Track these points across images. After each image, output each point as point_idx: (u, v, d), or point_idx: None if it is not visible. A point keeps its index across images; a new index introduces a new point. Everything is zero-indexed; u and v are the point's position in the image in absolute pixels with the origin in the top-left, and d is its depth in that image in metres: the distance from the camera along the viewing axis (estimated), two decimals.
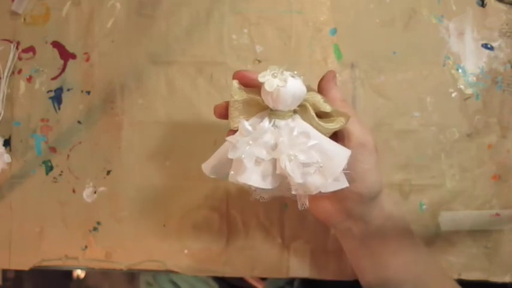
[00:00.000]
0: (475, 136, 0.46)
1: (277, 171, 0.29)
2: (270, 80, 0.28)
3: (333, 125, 0.31)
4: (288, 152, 0.28)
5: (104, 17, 0.47)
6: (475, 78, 0.46)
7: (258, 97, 0.30)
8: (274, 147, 0.29)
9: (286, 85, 0.28)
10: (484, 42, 0.46)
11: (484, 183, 0.45)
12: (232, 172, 0.30)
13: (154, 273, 0.65)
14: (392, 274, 0.36)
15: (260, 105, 0.31)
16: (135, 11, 0.47)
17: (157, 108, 0.47)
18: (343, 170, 0.30)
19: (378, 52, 0.46)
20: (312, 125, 0.31)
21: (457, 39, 0.46)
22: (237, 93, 0.31)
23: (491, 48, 0.46)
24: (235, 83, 0.31)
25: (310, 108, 0.31)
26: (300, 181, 0.28)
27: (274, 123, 0.30)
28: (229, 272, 0.46)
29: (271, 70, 0.28)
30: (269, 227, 0.46)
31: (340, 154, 0.30)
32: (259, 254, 0.46)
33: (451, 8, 0.47)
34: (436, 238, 0.45)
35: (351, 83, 0.46)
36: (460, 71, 0.46)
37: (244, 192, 0.46)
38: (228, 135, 0.30)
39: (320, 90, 0.35)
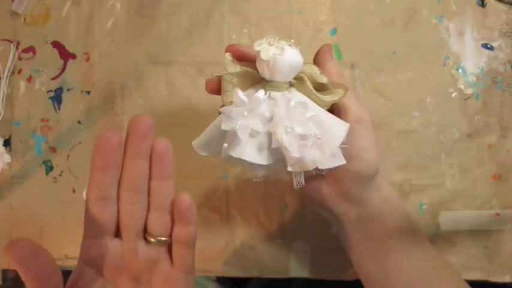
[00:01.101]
0: (475, 136, 0.46)
1: (273, 145, 0.27)
2: (266, 48, 0.27)
3: (331, 97, 0.30)
4: (285, 124, 0.27)
5: (104, 17, 0.47)
6: (475, 78, 0.46)
7: (253, 70, 0.29)
8: (270, 119, 0.28)
9: (283, 53, 0.27)
10: (484, 42, 0.46)
11: (484, 183, 0.45)
12: (225, 145, 0.28)
13: None
14: (394, 261, 0.34)
15: (255, 78, 0.29)
16: (135, 11, 0.47)
17: (157, 108, 0.47)
18: (341, 144, 0.29)
19: (378, 52, 0.46)
20: (309, 97, 0.29)
21: (457, 39, 0.46)
22: (230, 66, 0.29)
23: (491, 48, 0.46)
24: (228, 55, 0.30)
25: (307, 80, 0.29)
26: (297, 155, 0.27)
27: (269, 95, 0.28)
28: (229, 272, 0.46)
29: (267, 38, 0.27)
30: (269, 227, 0.46)
31: (338, 127, 0.29)
32: (259, 254, 0.46)
33: (451, 8, 0.47)
34: (436, 238, 0.45)
35: (351, 83, 0.46)
36: (460, 71, 0.46)
37: (244, 192, 0.46)
38: None
39: (316, 63, 0.33)
